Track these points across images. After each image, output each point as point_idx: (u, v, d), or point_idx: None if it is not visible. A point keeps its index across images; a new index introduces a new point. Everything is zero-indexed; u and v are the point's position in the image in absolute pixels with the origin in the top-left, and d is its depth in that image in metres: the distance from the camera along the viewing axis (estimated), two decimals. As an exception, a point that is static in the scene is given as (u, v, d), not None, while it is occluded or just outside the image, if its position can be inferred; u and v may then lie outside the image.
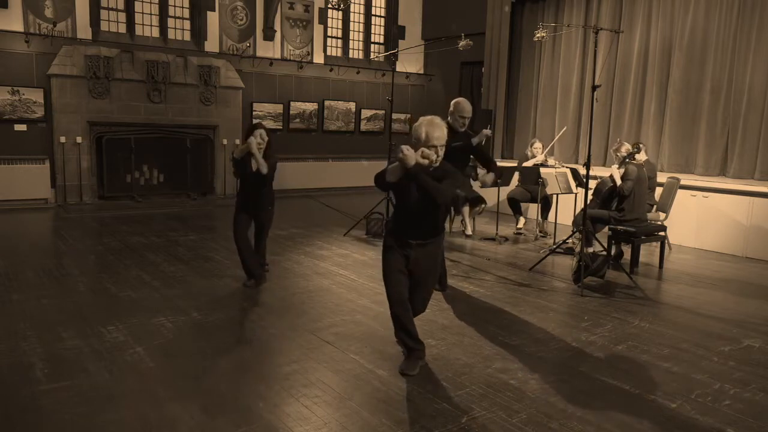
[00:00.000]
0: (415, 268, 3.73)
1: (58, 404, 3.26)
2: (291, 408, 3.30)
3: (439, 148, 3.57)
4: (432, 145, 3.54)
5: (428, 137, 3.55)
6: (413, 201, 3.62)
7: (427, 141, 3.54)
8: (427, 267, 3.77)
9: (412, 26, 13.99)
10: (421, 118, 3.67)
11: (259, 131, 5.42)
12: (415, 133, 3.61)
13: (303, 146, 12.64)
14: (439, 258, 3.90)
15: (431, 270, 3.81)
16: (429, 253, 3.75)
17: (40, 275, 5.80)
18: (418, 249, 3.70)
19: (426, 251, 3.73)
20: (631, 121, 9.81)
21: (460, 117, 5.50)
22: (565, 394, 3.54)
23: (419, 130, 3.58)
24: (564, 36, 10.60)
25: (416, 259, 3.71)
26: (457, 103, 5.57)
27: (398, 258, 3.72)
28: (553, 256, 7.08)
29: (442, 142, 3.58)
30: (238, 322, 4.74)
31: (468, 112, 5.51)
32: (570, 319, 4.99)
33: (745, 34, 8.50)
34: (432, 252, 3.77)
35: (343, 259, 6.81)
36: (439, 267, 3.88)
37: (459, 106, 5.53)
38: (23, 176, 9.72)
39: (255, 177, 5.43)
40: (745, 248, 7.55)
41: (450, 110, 5.58)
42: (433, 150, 3.53)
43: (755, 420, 3.31)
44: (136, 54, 10.51)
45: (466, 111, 5.51)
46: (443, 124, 3.64)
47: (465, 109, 5.51)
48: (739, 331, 4.77)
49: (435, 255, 3.82)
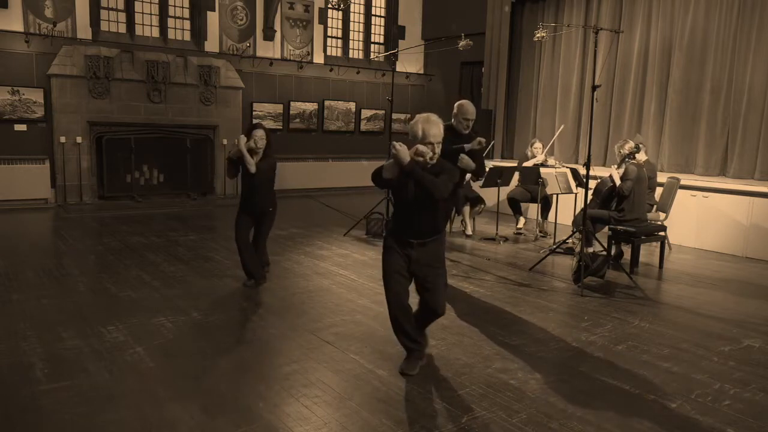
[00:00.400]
0: (417, 268, 3.70)
1: (58, 404, 3.26)
2: (291, 408, 3.30)
3: (435, 146, 3.56)
4: (429, 142, 3.54)
5: (425, 134, 3.55)
6: (411, 198, 3.60)
7: (423, 138, 3.55)
8: (429, 266, 3.71)
9: (412, 26, 13.99)
10: (417, 116, 3.67)
11: (257, 133, 5.38)
12: (411, 130, 3.61)
13: (303, 146, 12.64)
14: (442, 256, 3.86)
15: (435, 269, 3.74)
16: (430, 252, 3.71)
17: (40, 275, 5.80)
18: (419, 249, 3.68)
19: (427, 250, 3.70)
20: (631, 121, 9.81)
21: (463, 119, 5.49)
22: (565, 394, 3.54)
23: (416, 128, 3.58)
24: (564, 36, 10.60)
25: (417, 259, 3.68)
26: (460, 105, 5.56)
27: (398, 259, 3.69)
28: (553, 256, 7.08)
29: (438, 139, 3.58)
30: (238, 322, 4.74)
31: (472, 114, 5.50)
32: (570, 319, 4.99)
33: (745, 34, 8.50)
34: (434, 250, 3.73)
35: (343, 259, 6.82)
36: (444, 266, 3.85)
37: (462, 108, 5.53)
38: (23, 176, 9.72)
39: (252, 177, 5.40)
40: (745, 248, 7.55)
41: (454, 112, 5.57)
42: (430, 147, 3.53)
43: (755, 420, 3.31)
44: (136, 54, 10.51)
45: (470, 113, 5.50)
46: (440, 122, 3.63)
47: (468, 111, 5.50)
48: (739, 331, 4.77)
49: (437, 253, 3.77)
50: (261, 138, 5.36)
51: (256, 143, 5.34)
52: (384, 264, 3.74)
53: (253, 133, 5.36)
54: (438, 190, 3.51)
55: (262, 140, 5.37)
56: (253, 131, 5.39)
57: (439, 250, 3.79)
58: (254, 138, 5.34)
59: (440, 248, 3.82)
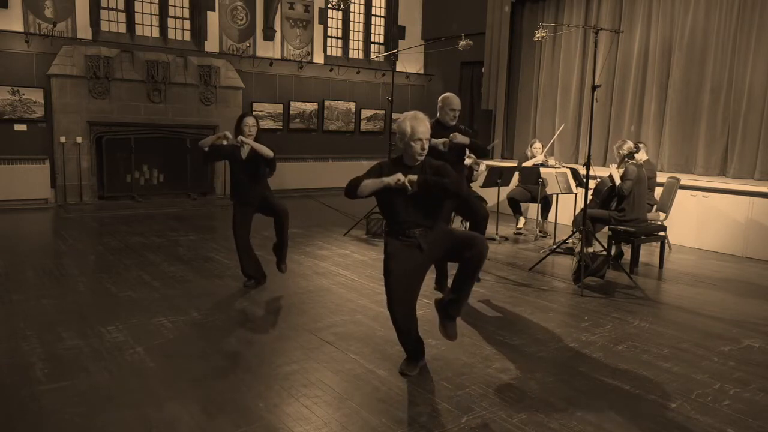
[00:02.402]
0: (435, 250, 3.66)
1: (58, 404, 3.26)
2: (291, 408, 3.30)
3: (424, 142, 3.60)
4: (418, 139, 3.57)
5: (414, 131, 3.57)
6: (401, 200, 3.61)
7: (412, 135, 3.57)
8: (443, 237, 3.67)
9: (412, 26, 13.99)
10: (404, 114, 3.69)
11: (248, 120, 5.34)
12: (399, 128, 3.63)
13: (303, 146, 12.64)
14: (448, 231, 3.85)
15: (448, 234, 3.74)
16: (437, 232, 3.68)
17: (40, 275, 5.79)
18: (426, 235, 3.63)
19: (434, 232, 3.66)
20: (631, 121, 9.81)
21: (450, 110, 5.46)
22: (565, 394, 3.54)
23: (404, 125, 3.60)
24: (564, 36, 10.60)
25: (431, 244, 3.63)
26: (444, 97, 5.54)
27: (407, 263, 3.59)
28: (553, 256, 7.08)
29: (427, 135, 3.62)
30: (238, 322, 4.74)
31: (457, 105, 5.47)
32: (570, 319, 4.99)
33: (745, 34, 8.50)
34: (439, 229, 3.71)
35: (343, 259, 6.81)
36: (453, 234, 3.82)
37: (447, 99, 5.51)
38: (23, 176, 9.72)
39: (244, 164, 5.38)
40: (745, 248, 7.55)
41: (439, 105, 5.52)
42: (419, 144, 3.58)
43: (755, 420, 3.31)
44: (136, 54, 10.51)
45: (455, 104, 5.48)
46: (426, 118, 3.68)
47: (453, 102, 5.48)
48: (739, 331, 4.76)
49: (444, 232, 3.75)
50: (252, 125, 5.35)
51: (250, 130, 5.33)
52: (390, 271, 3.59)
53: (245, 121, 5.33)
54: (456, 187, 3.54)
55: (254, 127, 5.36)
56: (244, 119, 5.36)
57: (442, 226, 3.82)
58: (246, 125, 5.31)
59: (443, 225, 3.85)
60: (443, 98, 5.54)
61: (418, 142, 3.57)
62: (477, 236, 3.70)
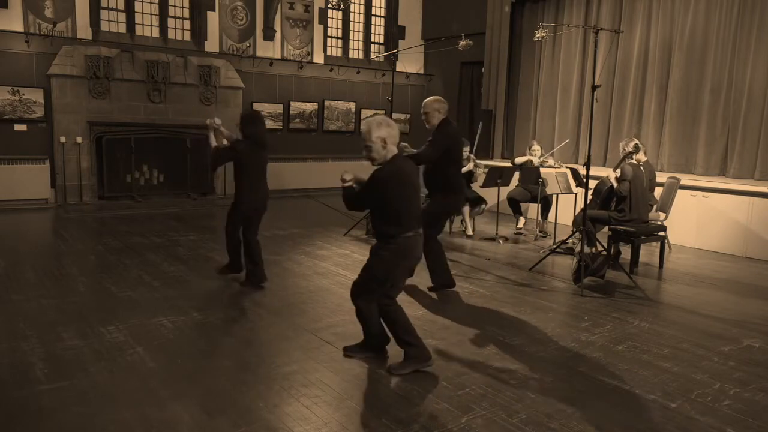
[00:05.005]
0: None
1: (57, 404, 3.26)
2: (291, 408, 3.30)
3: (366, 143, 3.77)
4: (367, 146, 3.73)
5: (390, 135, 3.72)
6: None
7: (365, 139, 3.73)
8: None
9: (412, 26, 13.98)
10: (375, 119, 3.76)
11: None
12: (374, 132, 3.70)
13: (303, 146, 12.64)
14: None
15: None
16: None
17: (40, 275, 5.79)
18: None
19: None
20: (631, 121, 9.81)
21: (422, 113, 5.56)
22: (565, 394, 3.54)
23: (380, 131, 3.69)
24: (564, 36, 10.60)
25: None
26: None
27: (406, 271, 3.94)
28: (553, 256, 7.08)
29: (368, 139, 3.73)
30: (238, 322, 4.74)
31: (425, 107, 5.54)
32: (570, 319, 4.99)
33: (745, 34, 8.50)
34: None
35: (343, 259, 6.81)
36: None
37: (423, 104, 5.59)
38: (23, 176, 9.72)
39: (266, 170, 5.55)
40: (745, 248, 7.55)
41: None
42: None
43: (755, 420, 3.31)
44: (136, 54, 10.51)
45: (423, 106, 5.55)
46: (371, 122, 3.76)
47: (424, 103, 5.56)
48: (739, 331, 4.77)
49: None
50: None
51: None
52: (393, 277, 3.82)
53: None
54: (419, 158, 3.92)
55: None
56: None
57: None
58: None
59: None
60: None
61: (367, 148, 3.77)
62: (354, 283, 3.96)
